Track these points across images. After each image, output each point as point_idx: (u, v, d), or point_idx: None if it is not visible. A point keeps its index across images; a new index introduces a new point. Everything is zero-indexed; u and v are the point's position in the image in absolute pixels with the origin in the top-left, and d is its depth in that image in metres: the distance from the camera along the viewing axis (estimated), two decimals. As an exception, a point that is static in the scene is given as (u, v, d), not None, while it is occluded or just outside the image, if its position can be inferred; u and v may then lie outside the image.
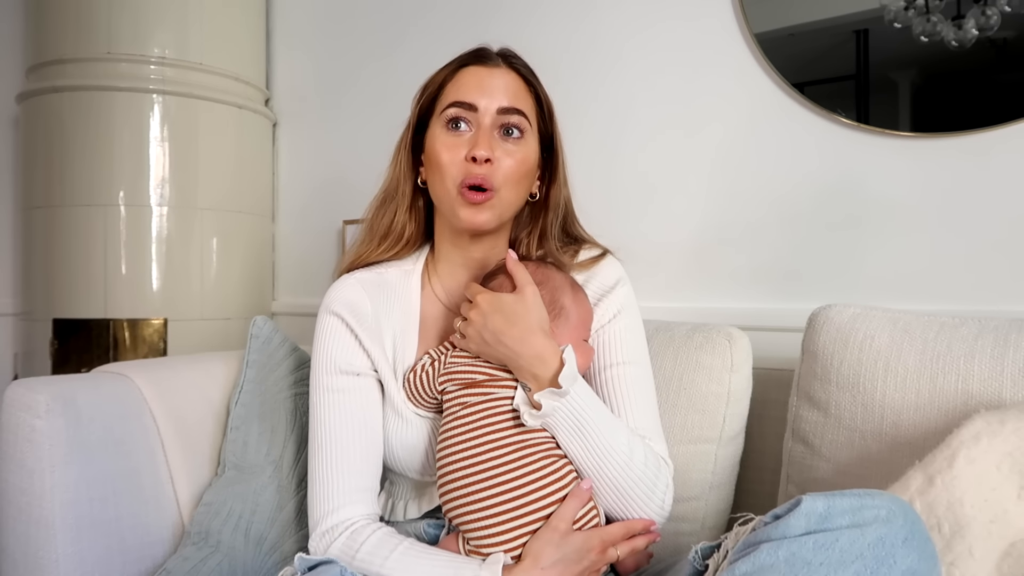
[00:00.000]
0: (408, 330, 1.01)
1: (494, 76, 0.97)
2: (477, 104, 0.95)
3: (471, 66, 0.98)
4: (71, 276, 1.76)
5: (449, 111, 0.96)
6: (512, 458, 0.85)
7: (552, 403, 0.85)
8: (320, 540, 0.90)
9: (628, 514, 0.89)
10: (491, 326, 0.88)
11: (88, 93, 1.75)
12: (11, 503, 0.96)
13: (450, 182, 0.95)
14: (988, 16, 1.19)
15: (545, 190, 1.04)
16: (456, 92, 0.96)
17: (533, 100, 1.00)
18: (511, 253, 0.94)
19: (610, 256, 1.06)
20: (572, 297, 0.96)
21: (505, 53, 1.01)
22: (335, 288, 1.02)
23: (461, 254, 1.02)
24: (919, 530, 0.67)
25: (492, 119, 0.95)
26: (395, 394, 0.96)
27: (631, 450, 0.88)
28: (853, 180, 1.32)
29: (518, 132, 0.97)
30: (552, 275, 0.97)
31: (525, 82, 1.00)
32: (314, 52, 2.04)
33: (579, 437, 0.86)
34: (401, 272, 1.05)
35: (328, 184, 2.02)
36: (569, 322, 0.94)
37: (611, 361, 0.97)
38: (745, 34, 1.42)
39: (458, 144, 0.95)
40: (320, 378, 0.97)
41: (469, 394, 0.90)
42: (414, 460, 0.96)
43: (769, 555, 0.67)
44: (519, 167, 0.96)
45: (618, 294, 1.01)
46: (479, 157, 0.92)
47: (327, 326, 0.99)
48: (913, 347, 0.98)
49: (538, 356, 0.87)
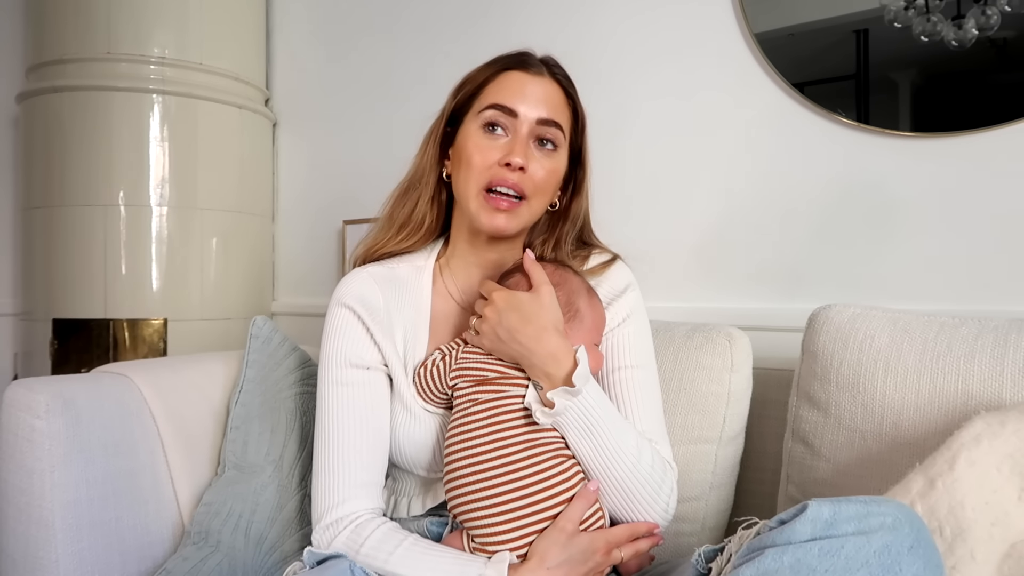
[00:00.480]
0: (419, 325, 1.01)
1: (537, 84, 0.97)
2: (517, 111, 0.95)
3: (515, 71, 0.98)
4: (71, 276, 1.76)
5: (487, 112, 0.96)
6: (521, 456, 0.85)
7: (564, 402, 0.85)
8: (324, 533, 0.90)
9: (633, 516, 0.89)
10: (506, 323, 0.88)
11: (88, 93, 1.75)
12: (11, 503, 0.96)
13: (475, 183, 0.95)
14: (988, 16, 1.19)
15: (567, 201, 1.05)
16: (497, 95, 0.96)
17: (570, 112, 1.01)
18: (529, 253, 0.94)
19: (620, 261, 1.06)
20: (587, 301, 0.96)
21: (548, 61, 1.01)
22: (346, 281, 1.01)
23: (476, 254, 1.02)
24: (925, 538, 0.67)
25: (530, 128, 0.95)
26: (405, 389, 0.96)
27: (639, 452, 0.88)
28: (853, 180, 1.32)
29: (552, 144, 0.97)
30: (569, 278, 0.97)
31: (565, 94, 1.00)
32: (314, 52, 2.04)
33: (589, 437, 0.86)
34: (413, 267, 1.05)
35: (328, 184, 2.02)
36: (583, 325, 0.94)
37: (619, 364, 0.98)
38: (745, 34, 1.42)
39: (492, 147, 0.95)
40: (329, 371, 0.97)
41: (481, 391, 0.90)
42: (421, 456, 0.96)
43: (774, 560, 0.67)
44: (549, 178, 0.97)
45: (627, 298, 1.02)
46: (514, 164, 0.93)
47: (338, 319, 0.99)
48: (913, 347, 0.98)
49: (552, 355, 0.87)
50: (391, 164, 1.08)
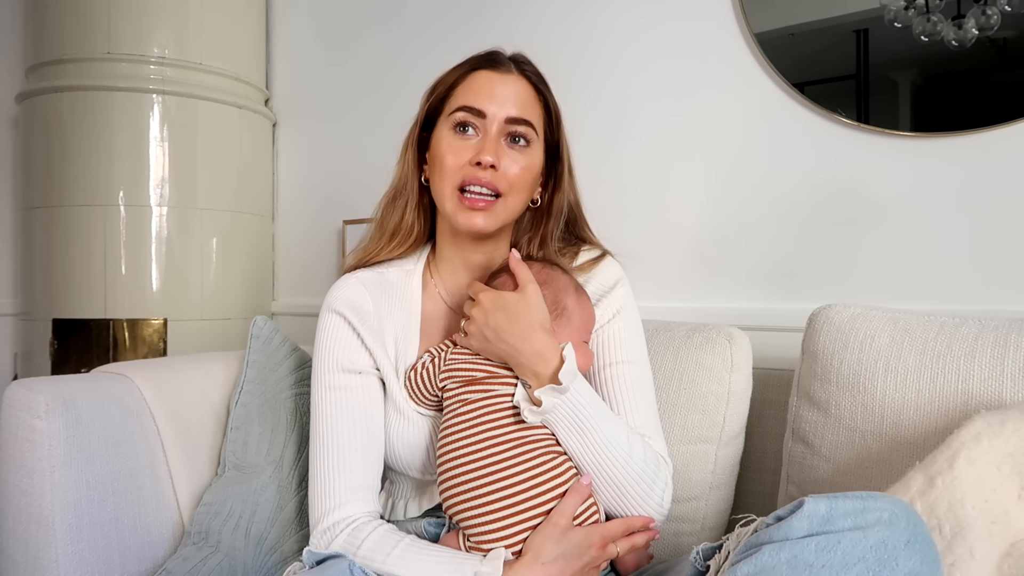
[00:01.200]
0: (410, 329, 1.01)
1: (505, 83, 0.97)
2: (486, 111, 0.95)
3: (483, 70, 0.98)
4: (71, 276, 1.76)
5: (457, 114, 0.96)
6: (512, 454, 0.86)
7: (552, 400, 0.85)
8: (321, 537, 0.90)
9: (627, 511, 0.89)
10: (492, 323, 0.89)
11: (88, 93, 1.75)
12: (11, 503, 0.96)
13: (449, 184, 0.96)
14: (988, 16, 1.19)
15: (548, 197, 1.05)
16: (466, 96, 0.97)
17: (541, 108, 1.00)
18: (514, 252, 0.94)
19: (609, 257, 1.06)
20: (575, 299, 0.96)
21: (517, 59, 1.01)
22: (337, 287, 1.02)
23: (461, 255, 1.03)
24: (921, 533, 0.67)
25: (499, 126, 0.95)
26: (397, 392, 0.97)
27: (630, 447, 0.88)
28: (853, 180, 1.32)
29: (524, 141, 0.97)
30: (557, 276, 0.97)
31: (535, 90, 1.00)
32: (314, 52, 2.04)
33: (578, 434, 0.87)
34: (402, 272, 1.05)
35: (328, 184, 2.02)
36: (571, 323, 0.94)
37: (610, 360, 0.98)
38: (745, 34, 1.42)
39: (464, 148, 0.95)
40: (322, 376, 0.97)
41: (470, 391, 0.91)
42: (415, 458, 0.96)
43: (771, 556, 0.67)
44: (523, 174, 0.97)
45: (617, 294, 1.02)
46: (484, 162, 0.93)
47: (329, 324, 0.99)
48: (913, 347, 0.98)
49: (538, 353, 0.87)
50: (391, 164, 1.08)
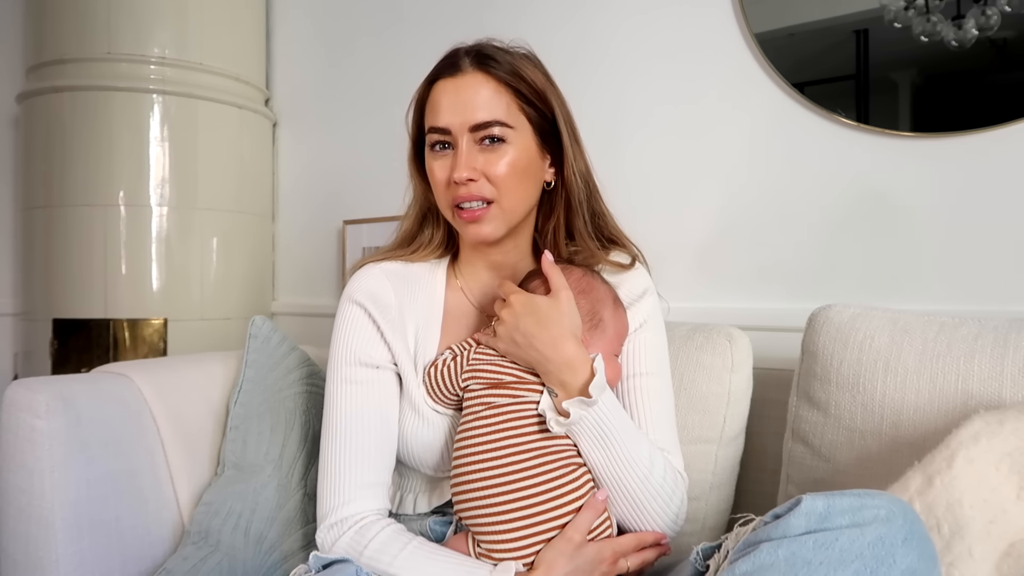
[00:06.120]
0: (431, 323, 1.00)
1: (461, 88, 0.92)
2: (450, 126, 0.92)
3: (441, 80, 0.95)
4: (71, 276, 1.76)
5: (429, 137, 0.95)
6: (533, 464, 0.84)
7: (580, 412, 0.84)
8: (328, 533, 0.89)
9: (642, 526, 0.89)
10: (523, 328, 0.87)
11: (88, 93, 1.75)
12: (11, 503, 0.96)
13: (444, 204, 0.96)
14: (988, 16, 1.19)
15: (559, 173, 1.00)
16: (431, 116, 0.95)
17: (511, 94, 0.94)
18: (547, 255, 0.93)
19: (639, 265, 1.05)
20: (612, 311, 0.94)
21: (475, 51, 0.95)
22: (359, 276, 1.00)
23: (482, 258, 1.02)
24: (919, 530, 0.68)
25: (468, 137, 0.92)
26: (414, 389, 0.95)
27: (651, 463, 0.88)
28: (853, 180, 1.32)
29: (499, 140, 0.93)
30: (597, 286, 0.96)
31: (496, 81, 0.93)
32: (314, 52, 2.04)
33: (602, 446, 0.86)
34: (427, 265, 1.04)
35: (328, 184, 2.02)
36: (605, 335, 0.93)
37: (634, 371, 0.96)
38: (745, 34, 1.42)
39: (443, 167, 0.94)
40: (339, 368, 0.95)
41: (495, 395, 0.89)
42: (429, 457, 0.95)
43: (769, 554, 0.67)
44: (510, 171, 0.92)
45: (645, 305, 1.00)
46: (459, 180, 0.91)
47: (349, 315, 0.97)
48: (913, 347, 0.98)
49: (568, 363, 0.86)
50: (391, 164, 1.08)
